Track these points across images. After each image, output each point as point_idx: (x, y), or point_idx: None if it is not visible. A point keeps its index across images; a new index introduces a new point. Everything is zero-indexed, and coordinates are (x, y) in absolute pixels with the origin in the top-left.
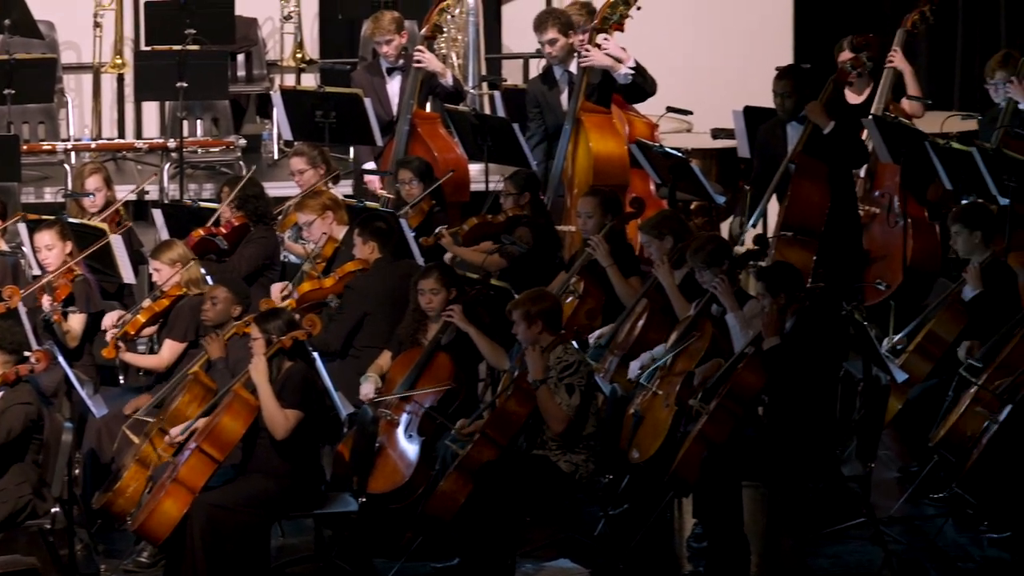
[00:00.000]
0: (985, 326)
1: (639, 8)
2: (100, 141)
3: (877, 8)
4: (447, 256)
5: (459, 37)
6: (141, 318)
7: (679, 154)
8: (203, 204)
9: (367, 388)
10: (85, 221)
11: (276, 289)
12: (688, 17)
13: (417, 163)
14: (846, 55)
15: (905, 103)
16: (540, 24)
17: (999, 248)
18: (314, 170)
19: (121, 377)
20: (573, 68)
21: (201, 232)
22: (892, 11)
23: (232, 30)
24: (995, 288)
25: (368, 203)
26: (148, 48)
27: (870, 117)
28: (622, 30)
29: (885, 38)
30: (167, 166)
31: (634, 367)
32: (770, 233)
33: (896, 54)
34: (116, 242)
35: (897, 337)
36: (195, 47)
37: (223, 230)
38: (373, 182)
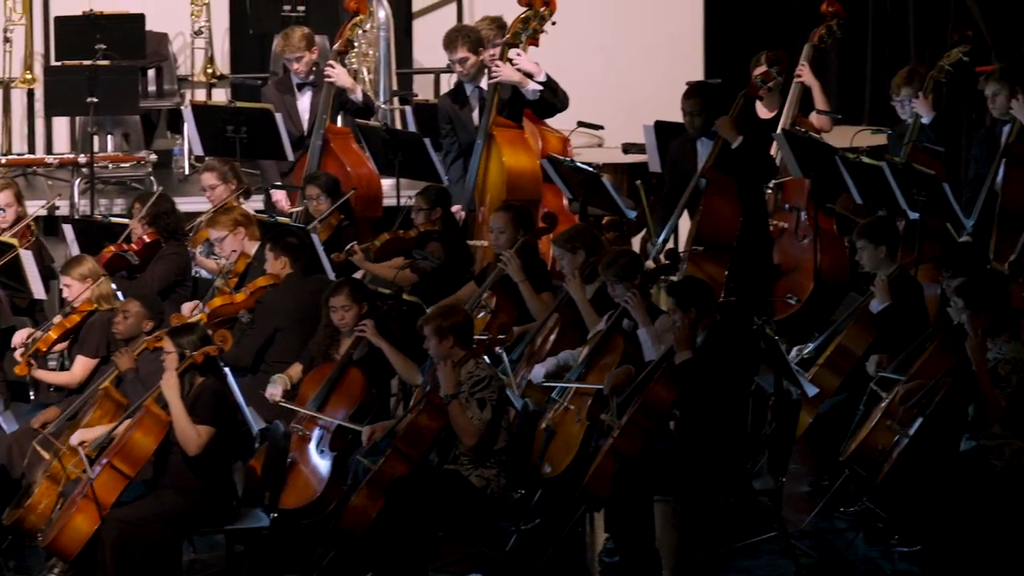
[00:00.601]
0: (893, 339)
1: (554, 23)
2: (10, 156)
3: (788, 23)
4: (359, 272)
5: (370, 52)
6: (52, 334)
7: (590, 169)
8: (114, 220)
9: (274, 389)
10: None
11: (187, 306)
12: (600, 32)
13: (324, 178)
14: (760, 69)
15: (814, 117)
16: (450, 43)
17: (907, 261)
18: (225, 185)
19: (32, 393)
20: (484, 84)
21: (112, 248)
22: (803, 26)
23: (143, 45)
24: (903, 301)
25: (279, 218)
26: (58, 63)
27: (780, 132)
28: (536, 45)
29: (796, 53)
30: (78, 181)
31: (538, 371)
32: (681, 248)
33: (804, 69)
34: (26, 257)
35: (809, 348)
36: (105, 62)
37: (134, 246)
38: (280, 200)
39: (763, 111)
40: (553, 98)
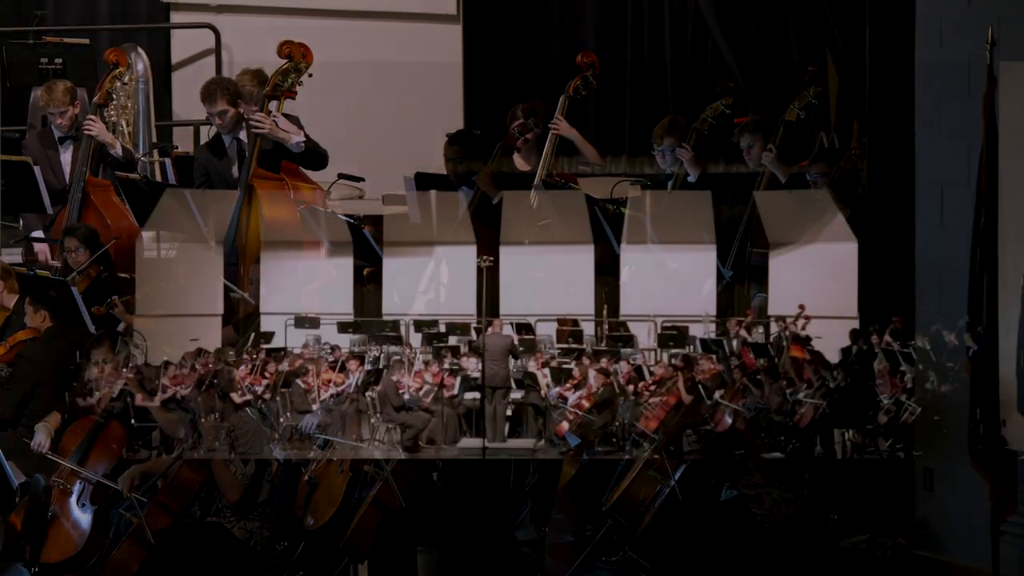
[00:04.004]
0: None
1: (311, 75)
2: None
3: (546, 76)
4: (120, 324)
5: (129, 104)
6: None
7: (352, 221)
8: None
9: (40, 439)
10: None
11: None
12: (359, 83)
13: (83, 230)
14: (517, 121)
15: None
16: (209, 95)
17: None
18: None
19: None
20: (243, 136)
21: None
22: (561, 79)
23: None
24: None
25: (39, 272)
26: None
27: (539, 183)
28: (294, 97)
29: (555, 105)
30: None
31: (310, 421)
32: None
33: (559, 120)
34: None
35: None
36: None
37: None
38: (42, 251)
39: (522, 164)
40: (318, 149)
